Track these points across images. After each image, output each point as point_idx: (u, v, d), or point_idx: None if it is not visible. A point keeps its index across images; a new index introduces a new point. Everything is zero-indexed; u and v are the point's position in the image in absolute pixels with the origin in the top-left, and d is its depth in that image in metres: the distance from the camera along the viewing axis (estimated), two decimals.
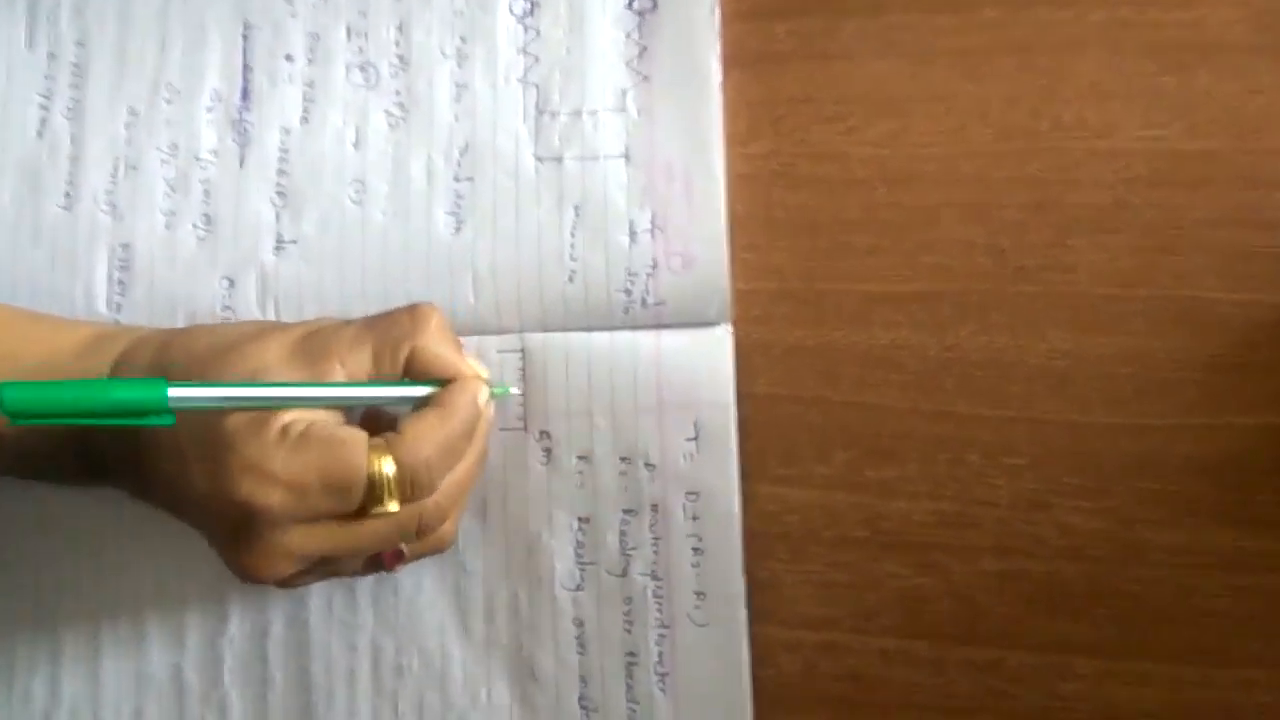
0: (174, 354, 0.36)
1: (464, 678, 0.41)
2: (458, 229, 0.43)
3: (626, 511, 0.40)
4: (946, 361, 0.40)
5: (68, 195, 0.45)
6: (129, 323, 0.43)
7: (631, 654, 0.40)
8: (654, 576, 0.40)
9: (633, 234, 0.42)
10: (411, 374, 0.36)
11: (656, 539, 0.40)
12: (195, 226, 0.44)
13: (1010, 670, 0.39)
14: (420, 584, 0.42)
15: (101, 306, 0.44)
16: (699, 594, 0.40)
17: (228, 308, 0.43)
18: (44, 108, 0.45)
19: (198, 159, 0.44)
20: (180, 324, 0.43)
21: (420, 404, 0.35)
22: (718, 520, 0.40)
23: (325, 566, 0.36)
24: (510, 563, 0.41)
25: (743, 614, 0.39)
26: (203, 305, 0.43)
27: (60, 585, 0.42)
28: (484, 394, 0.36)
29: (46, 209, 0.45)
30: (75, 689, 0.42)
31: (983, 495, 0.39)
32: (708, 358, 0.41)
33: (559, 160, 0.42)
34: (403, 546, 0.36)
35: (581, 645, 0.41)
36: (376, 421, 0.37)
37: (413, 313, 0.36)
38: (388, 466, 0.33)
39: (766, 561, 0.40)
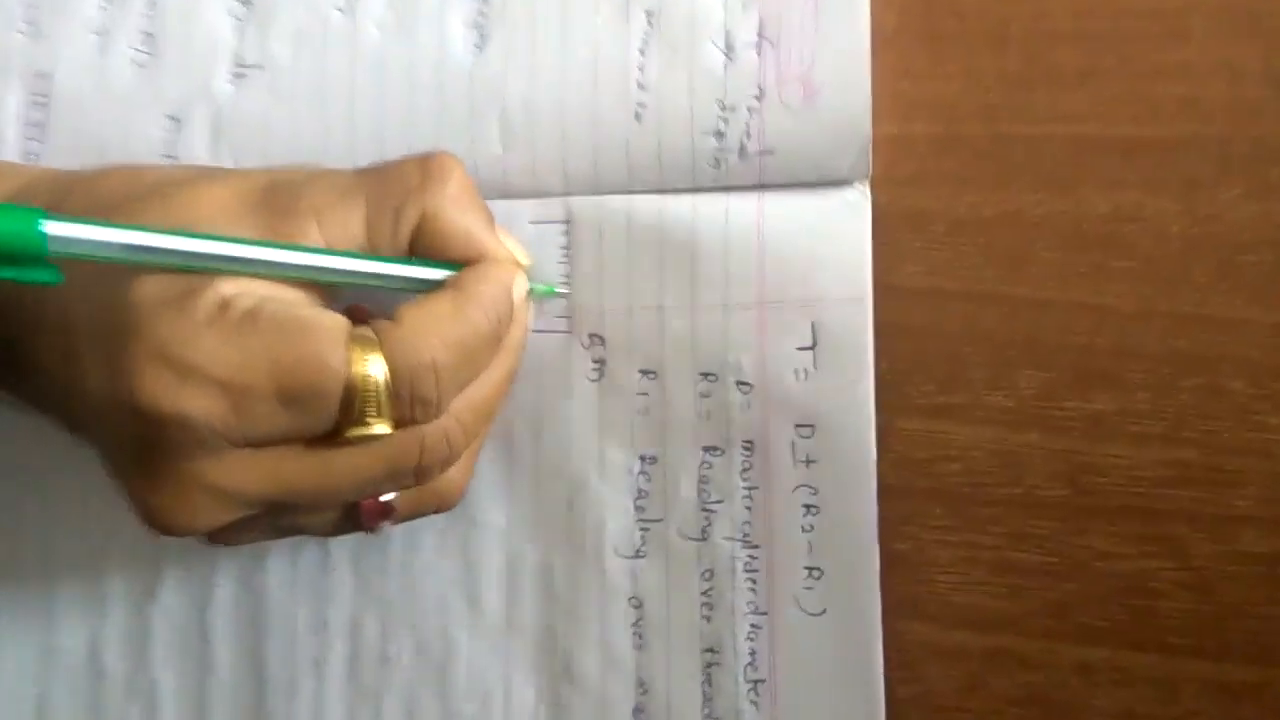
0: (74, 199, 0.27)
1: (472, 674, 0.30)
2: (480, 48, 0.31)
3: (709, 450, 0.30)
4: (1197, 241, 0.28)
5: None
6: None
7: (712, 650, 0.30)
8: (746, 543, 0.29)
9: (730, 50, 0.30)
10: (420, 249, 0.26)
11: (751, 490, 0.29)
12: (133, 48, 0.33)
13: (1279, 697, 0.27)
14: (417, 541, 0.31)
15: (13, 156, 0.33)
16: (812, 571, 0.29)
17: (170, 155, 0.32)
18: None
19: None
20: None
21: (431, 291, 0.26)
22: (842, 466, 0.29)
23: (278, 518, 0.26)
24: (542, 517, 0.30)
25: (875, 602, 0.29)
26: (140, 153, 0.33)
27: None
28: (520, 285, 0.27)
29: None
30: None
31: (1248, 441, 0.28)
32: (834, 232, 0.29)
33: None
34: (391, 497, 0.26)
35: (640, 636, 0.30)
36: (361, 317, 0.27)
37: (426, 164, 0.27)
38: (376, 368, 0.24)
39: (911, 528, 0.29)
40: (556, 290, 0.30)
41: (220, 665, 0.31)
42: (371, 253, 0.26)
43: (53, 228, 0.22)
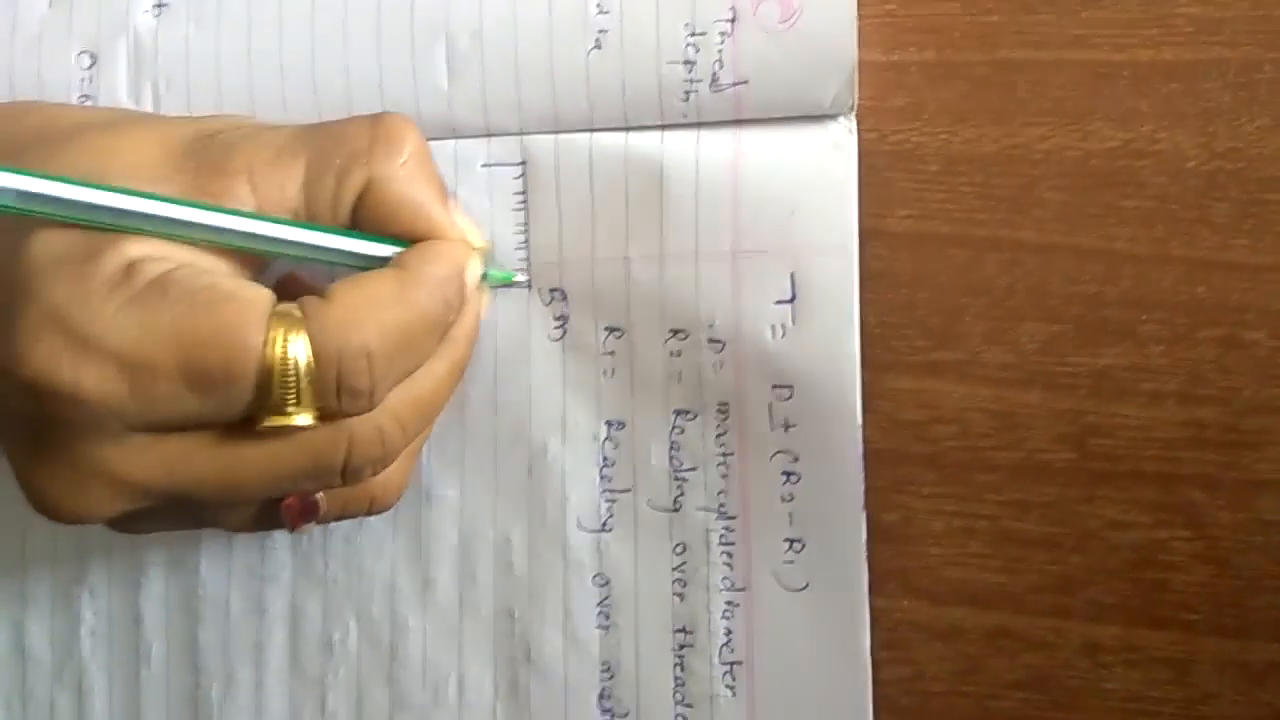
0: None
1: (424, 660, 0.28)
2: None
3: (680, 413, 0.27)
4: (1217, 177, 0.25)
5: None
6: None
7: (684, 630, 0.27)
8: (722, 514, 0.27)
9: None
10: (364, 221, 0.24)
11: (726, 456, 0.27)
12: None
13: None
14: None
15: None
16: (792, 543, 0.27)
17: (86, 96, 0.30)
18: None
19: None
20: None
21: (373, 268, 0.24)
22: (825, 430, 0.26)
23: (184, 511, 0.24)
24: (499, 489, 0.28)
25: (862, 577, 0.26)
26: (55, 92, 0.30)
27: None
28: (474, 268, 0.24)
29: None
30: None
31: (1270, 398, 0.25)
32: (816, 172, 0.26)
33: None
34: (318, 496, 0.24)
35: (606, 616, 0.27)
36: (296, 291, 0.24)
37: (376, 126, 0.24)
38: (298, 348, 0.21)
39: (901, 496, 0.27)
40: (515, 278, 0.27)
41: (152, 653, 0.29)
42: (308, 220, 0.23)
43: None
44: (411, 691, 0.28)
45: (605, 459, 0.27)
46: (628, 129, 0.27)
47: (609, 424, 0.27)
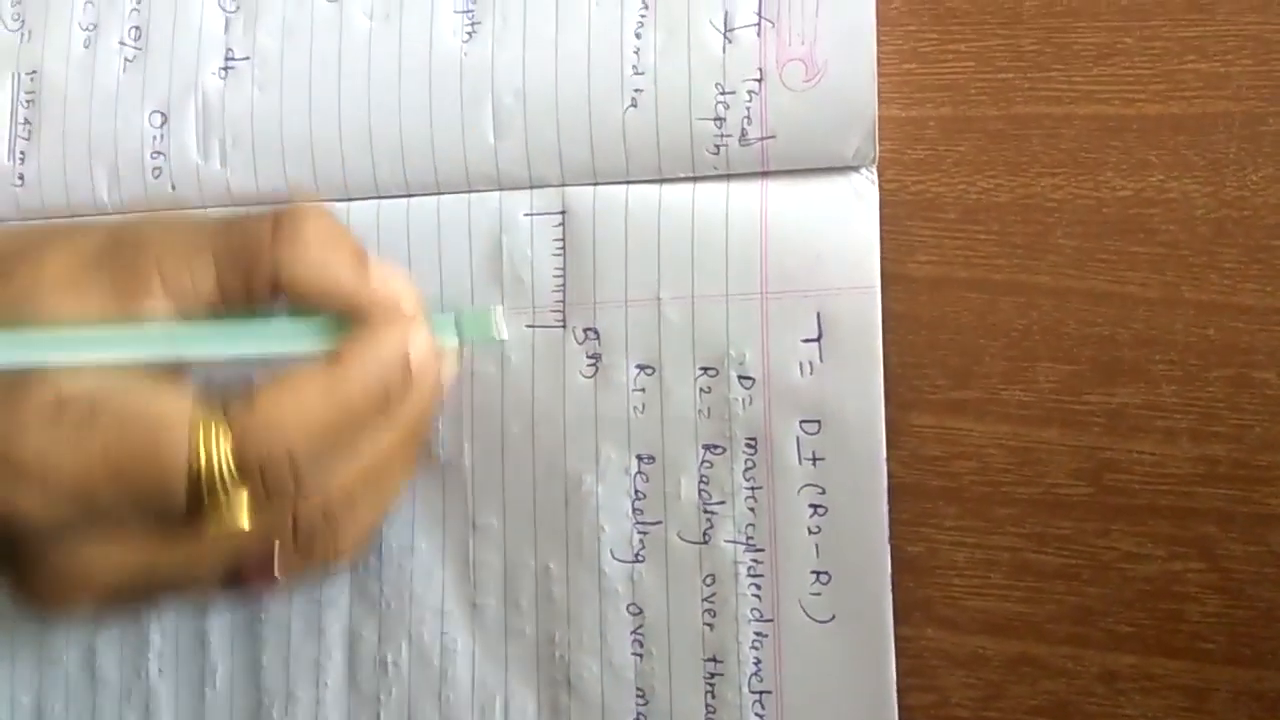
0: None
1: (473, 681, 0.29)
2: (471, 35, 0.30)
3: (709, 448, 0.28)
4: (1225, 224, 0.26)
5: None
6: (36, 176, 0.33)
7: (714, 660, 0.28)
8: (750, 546, 0.28)
9: (729, 31, 0.28)
10: (292, 306, 0.24)
11: (754, 490, 0.28)
12: (122, 44, 0.33)
13: None
14: (413, 544, 0.30)
15: (1, 155, 0.32)
16: (819, 575, 0.27)
17: (159, 153, 0.32)
18: None
19: None
20: (100, 176, 0.32)
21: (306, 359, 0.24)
22: (851, 464, 0.27)
23: (156, 593, 0.25)
24: (539, 518, 0.29)
25: (887, 607, 0.27)
26: (129, 150, 0.32)
27: None
28: (418, 341, 0.24)
29: None
30: None
31: None
32: (840, 220, 0.28)
33: None
34: (274, 565, 0.24)
35: (640, 644, 0.28)
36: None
37: (278, 215, 0.24)
38: (221, 456, 0.22)
39: (925, 529, 0.27)
40: (496, 333, 0.25)
41: (217, 674, 0.30)
42: (226, 312, 0.24)
43: None
44: (460, 710, 0.29)
45: (637, 492, 0.28)
46: (662, 181, 0.29)
47: (640, 458, 0.28)
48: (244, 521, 0.22)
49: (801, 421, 0.27)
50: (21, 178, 0.33)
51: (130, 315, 0.23)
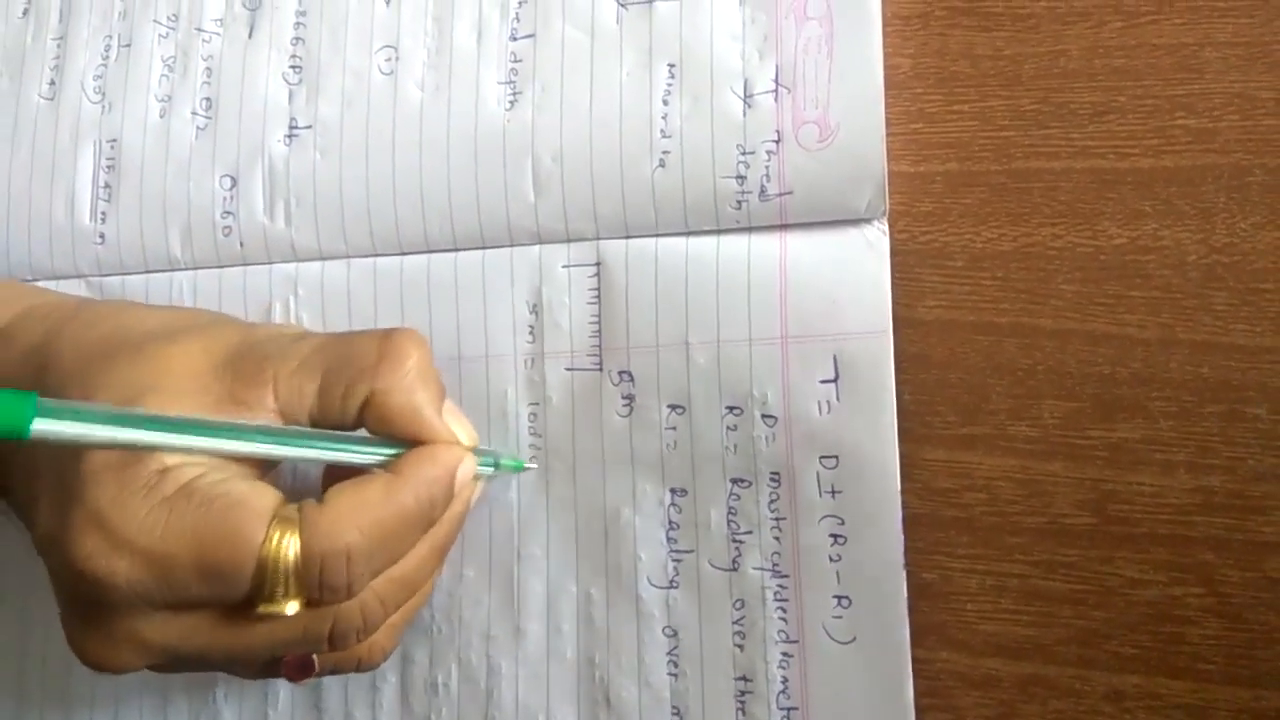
0: (61, 345, 0.28)
1: (517, 701, 0.31)
2: (513, 103, 0.32)
3: (736, 482, 0.30)
4: (1216, 269, 0.28)
5: (52, 83, 0.36)
6: (115, 235, 0.35)
7: (745, 679, 0.30)
8: (776, 572, 0.30)
9: (749, 97, 0.30)
10: (368, 426, 0.27)
11: (779, 520, 0.30)
12: (194, 114, 0.35)
13: None
14: (461, 572, 0.32)
15: (85, 216, 0.35)
16: (840, 599, 0.29)
17: (229, 213, 0.34)
18: None
19: (200, 30, 0.35)
20: (174, 235, 0.35)
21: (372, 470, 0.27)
22: (867, 496, 0.29)
23: (199, 665, 0.27)
24: (580, 548, 0.31)
25: (904, 630, 0.29)
26: (200, 210, 0.35)
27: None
28: (466, 467, 0.27)
29: (28, 99, 0.37)
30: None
31: (1272, 467, 0.27)
32: (854, 268, 0.30)
33: (648, 3, 0.31)
34: (313, 656, 0.27)
35: (675, 665, 0.30)
36: (332, 476, 0.28)
37: (385, 343, 0.27)
38: (291, 549, 0.24)
39: (938, 557, 0.29)
40: (526, 465, 0.31)
41: (279, 697, 0.33)
42: (320, 423, 0.26)
43: (41, 425, 0.22)
44: None
45: (671, 523, 0.30)
46: (688, 234, 0.31)
47: (673, 491, 0.30)
48: (296, 608, 0.24)
49: (821, 457, 0.29)
50: (102, 236, 0.35)
51: (246, 412, 0.26)
